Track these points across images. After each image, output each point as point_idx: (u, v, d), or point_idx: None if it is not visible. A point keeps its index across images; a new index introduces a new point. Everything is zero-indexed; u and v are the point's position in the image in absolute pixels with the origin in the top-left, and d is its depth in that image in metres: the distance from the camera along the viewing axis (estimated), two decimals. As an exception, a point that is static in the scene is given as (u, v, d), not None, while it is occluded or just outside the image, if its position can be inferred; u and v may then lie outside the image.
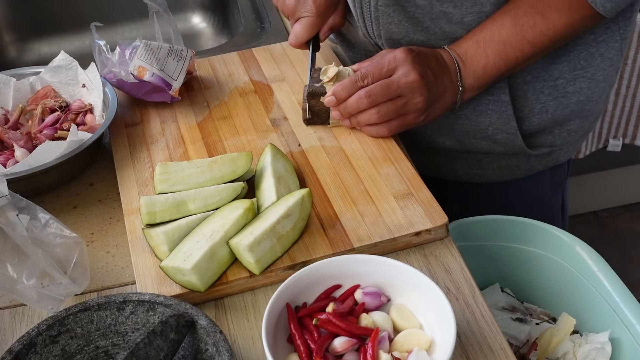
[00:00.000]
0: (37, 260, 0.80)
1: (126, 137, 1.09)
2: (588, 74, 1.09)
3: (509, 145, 1.13)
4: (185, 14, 1.67)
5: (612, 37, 1.07)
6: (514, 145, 1.13)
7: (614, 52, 1.09)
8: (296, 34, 1.13)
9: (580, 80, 1.09)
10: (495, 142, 1.13)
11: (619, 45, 1.09)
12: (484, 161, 1.19)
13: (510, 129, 1.10)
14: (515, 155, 1.17)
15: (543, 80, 1.08)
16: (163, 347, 0.73)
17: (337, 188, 0.97)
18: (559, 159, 1.21)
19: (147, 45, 1.11)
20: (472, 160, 1.19)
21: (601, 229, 2.39)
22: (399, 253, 0.90)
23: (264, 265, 0.86)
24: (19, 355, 0.73)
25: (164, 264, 0.84)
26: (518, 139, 1.12)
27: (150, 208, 0.90)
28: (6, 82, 1.13)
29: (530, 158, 1.17)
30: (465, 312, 0.83)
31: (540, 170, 1.21)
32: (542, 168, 1.21)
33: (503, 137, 1.12)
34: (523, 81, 1.08)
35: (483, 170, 1.20)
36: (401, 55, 0.99)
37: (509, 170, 1.19)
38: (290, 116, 1.10)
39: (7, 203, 0.79)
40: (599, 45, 1.07)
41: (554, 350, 1.07)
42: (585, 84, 1.09)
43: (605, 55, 1.09)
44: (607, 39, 1.07)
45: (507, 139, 1.12)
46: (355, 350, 0.76)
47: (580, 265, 1.09)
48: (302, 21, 1.12)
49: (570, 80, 1.09)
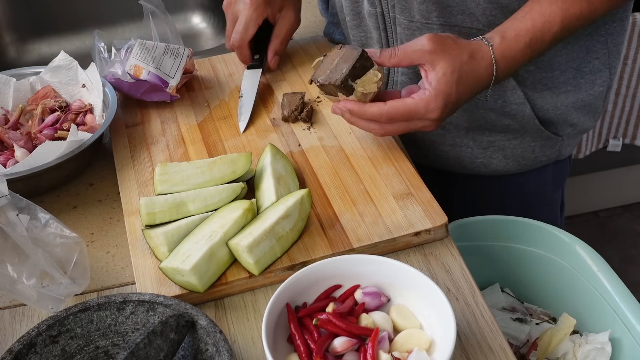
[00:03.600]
0: (37, 260, 0.80)
1: (126, 137, 1.09)
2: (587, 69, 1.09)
3: (517, 117, 1.12)
4: (185, 14, 1.67)
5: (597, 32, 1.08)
6: (523, 115, 1.12)
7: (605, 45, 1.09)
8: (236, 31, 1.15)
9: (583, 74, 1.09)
10: (504, 115, 1.12)
11: (605, 39, 1.09)
12: (489, 150, 1.18)
13: (519, 99, 1.10)
14: (521, 143, 1.16)
15: (544, 72, 1.08)
16: (163, 347, 0.73)
17: (336, 188, 0.97)
18: (562, 152, 1.21)
19: (142, 44, 1.11)
20: (478, 149, 1.18)
21: (601, 229, 2.39)
22: (399, 253, 0.90)
23: (264, 265, 0.86)
24: (19, 355, 0.73)
25: (164, 265, 0.84)
26: (527, 108, 1.11)
27: (149, 209, 0.90)
28: (6, 82, 1.13)
29: (535, 148, 1.17)
30: (465, 312, 0.83)
31: (544, 165, 1.21)
32: (546, 160, 1.20)
33: (512, 109, 1.11)
34: (525, 70, 1.07)
35: (488, 160, 1.19)
36: (435, 105, 0.91)
37: (513, 160, 1.19)
38: (290, 116, 1.11)
39: (7, 203, 0.79)
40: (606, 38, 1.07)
41: (554, 350, 1.07)
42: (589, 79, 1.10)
43: (612, 49, 1.09)
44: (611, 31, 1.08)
45: (515, 110, 1.11)
46: (355, 350, 0.76)
47: (580, 265, 1.09)
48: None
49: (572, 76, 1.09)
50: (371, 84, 0.93)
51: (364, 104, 0.93)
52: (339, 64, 0.94)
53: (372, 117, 0.93)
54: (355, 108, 0.94)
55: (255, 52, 1.19)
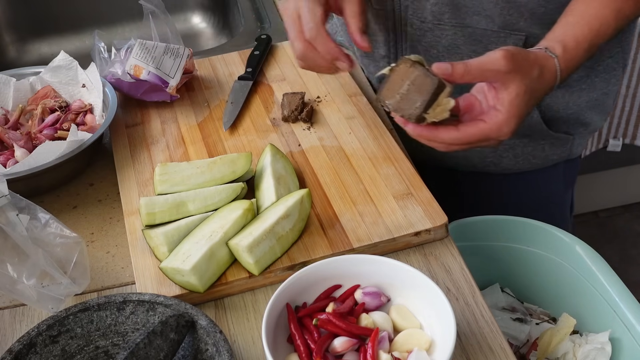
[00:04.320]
0: (37, 260, 0.80)
1: (126, 137, 1.09)
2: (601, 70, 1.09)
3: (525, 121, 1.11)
4: (185, 14, 1.67)
5: None
6: (530, 119, 1.11)
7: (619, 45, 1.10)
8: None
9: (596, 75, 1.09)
10: None
11: (619, 38, 1.09)
12: (499, 149, 1.17)
13: None
14: (531, 142, 1.16)
15: None
16: (163, 347, 0.73)
17: (336, 188, 0.97)
18: (573, 151, 1.20)
19: (142, 44, 1.12)
20: (488, 148, 1.17)
21: (601, 229, 2.39)
22: (399, 253, 0.90)
23: (264, 265, 0.86)
24: (19, 355, 0.73)
25: (164, 265, 0.84)
26: (535, 113, 1.10)
27: (149, 209, 0.90)
28: (6, 82, 1.13)
29: (545, 146, 1.16)
30: (465, 312, 0.83)
31: (555, 163, 1.21)
32: (557, 159, 1.20)
33: None
34: None
35: (499, 159, 1.18)
36: (507, 129, 0.87)
37: (524, 158, 1.18)
38: (290, 116, 1.11)
39: (7, 203, 0.79)
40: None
41: (554, 350, 1.07)
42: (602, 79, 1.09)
43: (625, 47, 1.09)
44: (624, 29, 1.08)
45: None
46: (355, 350, 0.76)
47: (580, 265, 1.09)
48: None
49: (585, 76, 1.09)
50: (444, 113, 0.86)
51: (435, 129, 0.87)
52: (410, 91, 0.85)
53: (443, 141, 0.88)
54: (426, 134, 0.88)
55: (248, 65, 1.20)
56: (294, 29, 0.99)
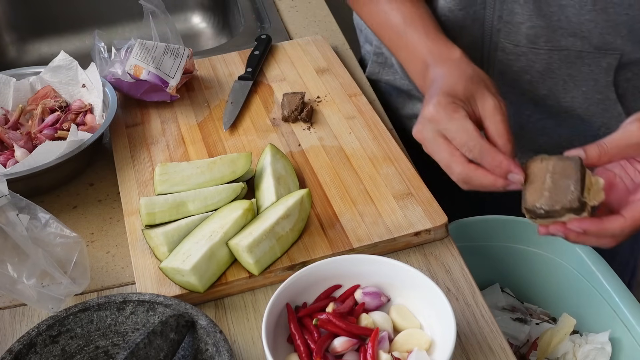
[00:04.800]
0: (37, 260, 0.80)
1: (126, 137, 1.09)
2: None
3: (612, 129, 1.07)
4: (185, 14, 1.67)
5: None
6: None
7: None
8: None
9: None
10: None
11: None
12: None
13: (621, 118, 1.03)
14: None
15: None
16: (163, 347, 0.73)
17: (336, 188, 0.97)
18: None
19: (142, 44, 1.12)
20: None
21: (601, 229, 2.38)
22: (399, 253, 0.90)
23: (264, 265, 0.86)
24: (19, 355, 0.73)
25: (164, 265, 0.84)
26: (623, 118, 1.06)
27: (149, 209, 0.90)
28: (6, 82, 1.13)
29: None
30: (465, 312, 0.83)
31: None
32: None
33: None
34: (624, 79, 1.05)
35: None
36: None
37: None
38: (290, 116, 1.11)
39: (7, 203, 0.79)
40: None
41: (554, 350, 1.07)
42: None
43: None
44: None
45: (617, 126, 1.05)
46: (355, 350, 0.76)
47: (580, 265, 1.08)
48: None
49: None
50: (600, 193, 0.79)
51: (601, 220, 0.78)
52: (556, 180, 0.78)
53: (613, 234, 0.79)
54: (593, 227, 0.78)
55: (248, 65, 1.20)
56: (447, 152, 0.84)
